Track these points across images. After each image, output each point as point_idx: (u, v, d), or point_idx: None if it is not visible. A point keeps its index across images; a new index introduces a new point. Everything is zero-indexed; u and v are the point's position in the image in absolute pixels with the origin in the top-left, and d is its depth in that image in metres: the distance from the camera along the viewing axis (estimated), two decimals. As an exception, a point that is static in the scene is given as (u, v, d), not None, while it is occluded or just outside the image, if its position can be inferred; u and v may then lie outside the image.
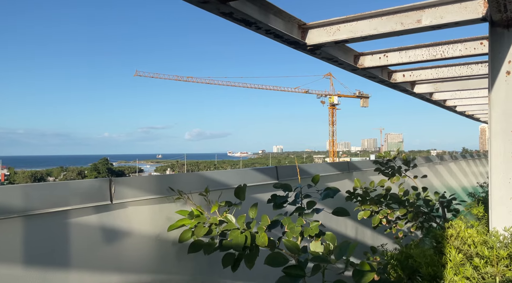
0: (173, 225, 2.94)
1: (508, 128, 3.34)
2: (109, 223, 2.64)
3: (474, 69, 6.10)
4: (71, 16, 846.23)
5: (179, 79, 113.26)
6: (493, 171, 3.38)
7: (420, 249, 2.70)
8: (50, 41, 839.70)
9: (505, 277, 2.19)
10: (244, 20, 3.53)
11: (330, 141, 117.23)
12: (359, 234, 5.86)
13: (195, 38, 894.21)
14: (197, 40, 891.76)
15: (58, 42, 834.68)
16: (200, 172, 3.53)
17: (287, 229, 2.88)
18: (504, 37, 3.39)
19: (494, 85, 3.41)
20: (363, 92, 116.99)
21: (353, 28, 4.03)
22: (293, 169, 4.45)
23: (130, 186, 2.78)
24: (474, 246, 2.62)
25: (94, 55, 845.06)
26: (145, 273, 2.86)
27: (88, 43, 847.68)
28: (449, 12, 3.56)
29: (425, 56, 5.01)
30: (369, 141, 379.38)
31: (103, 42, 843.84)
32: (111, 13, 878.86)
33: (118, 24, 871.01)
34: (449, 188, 10.22)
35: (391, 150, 9.69)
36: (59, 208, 2.37)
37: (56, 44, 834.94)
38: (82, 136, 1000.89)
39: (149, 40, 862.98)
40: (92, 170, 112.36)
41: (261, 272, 3.13)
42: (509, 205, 3.28)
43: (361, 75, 5.98)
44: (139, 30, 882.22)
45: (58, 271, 2.38)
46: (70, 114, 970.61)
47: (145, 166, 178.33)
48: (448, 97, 8.91)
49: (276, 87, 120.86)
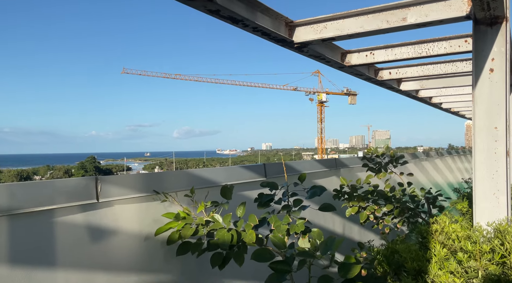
0: (160, 228, 2.92)
1: (492, 125, 3.40)
2: (95, 222, 2.63)
3: (459, 67, 6.19)
4: (56, 13, 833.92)
5: (167, 76, 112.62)
6: (477, 167, 3.44)
7: (405, 245, 2.74)
8: (36, 38, 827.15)
9: (488, 271, 2.23)
10: (231, 18, 3.52)
11: (318, 138, 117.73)
12: (346, 230, 5.91)
13: (183, 35, 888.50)
14: (185, 37, 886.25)
15: (43, 39, 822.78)
16: (188, 170, 3.52)
17: (274, 227, 2.90)
18: (487, 35, 3.44)
19: (478, 82, 3.46)
20: (351, 89, 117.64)
21: (340, 26, 4.05)
22: (281, 166, 4.47)
23: (117, 184, 2.76)
24: (458, 241, 2.66)
25: (81, 52, 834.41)
26: (133, 272, 2.85)
27: (75, 40, 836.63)
28: (433, 10, 3.60)
29: (411, 53, 5.06)
30: (357, 138, 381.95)
31: (90, 39, 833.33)
32: (97, 9, 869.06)
33: (105, 21, 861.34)
34: (435, 184, 10.36)
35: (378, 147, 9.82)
36: (44, 207, 2.35)
37: (41, 41, 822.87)
38: (69, 134, 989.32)
39: (136, 37, 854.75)
40: (79, 169, 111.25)
41: (250, 271, 3.15)
42: (492, 200, 3.34)
43: (348, 72, 6.01)
44: (126, 28, 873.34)
45: (44, 270, 2.36)
46: (56, 112, 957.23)
47: (133, 164, 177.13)
48: (434, 94, 9.03)
49: (265, 84, 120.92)
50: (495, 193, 3.33)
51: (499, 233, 2.70)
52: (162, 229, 2.92)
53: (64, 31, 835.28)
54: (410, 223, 5.07)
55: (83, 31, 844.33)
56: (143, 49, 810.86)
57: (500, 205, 3.31)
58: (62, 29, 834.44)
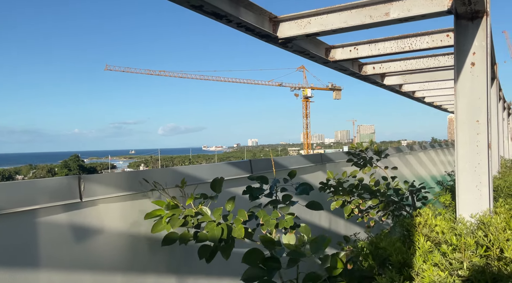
0: (149, 213, 2.89)
1: (474, 118, 3.45)
2: (79, 222, 2.59)
3: (441, 61, 6.26)
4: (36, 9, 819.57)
5: (151, 73, 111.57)
6: (459, 160, 3.49)
7: (389, 238, 2.76)
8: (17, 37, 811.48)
9: (472, 262, 2.27)
10: (214, 13, 3.49)
11: (304, 133, 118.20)
12: (332, 224, 5.96)
13: (166, 32, 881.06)
14: (169, 33, 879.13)
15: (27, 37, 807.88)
16: (174, 167, 3.50)
17: (262, 222, 2.90)
18: (468, 29, 3.48)
19: (460, 76, 3.50)
20: (336, 84, 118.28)
21: (324, 21, 4.05)
22: (267, 162, 4.47)
23: (101, 183, 2.72)
24: (442, 234, 2.70)
25: (62, 50, 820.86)
26: (118, 270, 2.82)
27: (57, 38, 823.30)
28: (416, 5, 3.63)
29: (394, 48, 5.10)
30: (342, 132, 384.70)
31: (71, 36, 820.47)
32: (80, 6, 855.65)
33: (87, 18, 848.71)
34: (418, 177, 10.50)
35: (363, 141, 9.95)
36: (26, 207, 2.31)
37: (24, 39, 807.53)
38: (52, 133, 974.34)
39: (119, 34, 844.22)
40: (63, 168, 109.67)
41: (237, 265, 3.14)
42: (474, 192, 3.39)
43: (332, 68, 6.03)
44: (108, 24, 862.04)
45: (27, 271, 2.32)
46: (39, 110, 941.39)
47: (118, 162, 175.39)
48: (417, 88, 9.13)
49: (250, 80, 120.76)
50: (477, 185, 3.38)
51: (482, 224, 2.75)
52: (151, 214, 2.89)
53: (45, 29, 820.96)
54: (394, 216, 5.13)
55: (65, 29, 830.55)
56: (126, 46, 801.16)
57: (482, 197, 3.36)
58: (44, 27, 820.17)
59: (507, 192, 5.01)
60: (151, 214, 2.90)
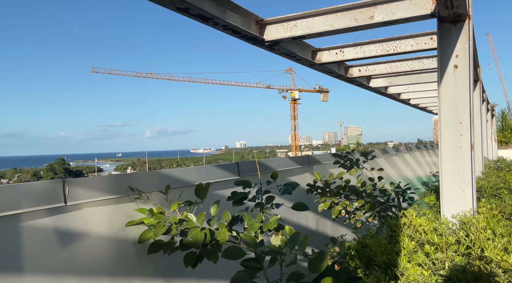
0: (132, 221, 2.88)
1: (457, 119, 3.50)
2: (63, 226, 2.56)
3: (425, 63, 6.35)
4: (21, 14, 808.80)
5: (138, 75, 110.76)
6: (443, 161, 3.54)
7: (375, 239, 2.79)
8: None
9: (454, 262, 2.31)
10: (200, 16, 3.50)
11: (292, 135, 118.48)
12: (320, 226, 5.99)
13: (154, 35, 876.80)
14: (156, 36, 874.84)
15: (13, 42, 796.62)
16: (161, 170, 3.48)
17: (247, 225, 2.91)
18: (451, 32, 3.54)
19: (443, 78, 3.56)
20: (323, 86, 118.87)
21: (310, 24, 4.09)
22: (255, 165, 4.47)
23: (86, 186, 2.70)
24: (425, 234, 2.74)
25: (47, 54, 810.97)
26: (104, 275, 2.80)
27: (43, 41, 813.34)
28: (400, 9, 3.68)
29: (379, 51, 5.16)
30: (330, 134, 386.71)
31: (57, 39, 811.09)
32: (66, 11, 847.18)
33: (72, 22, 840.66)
34: (404, 178, 10.61)
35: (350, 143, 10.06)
36: (9, 211, 2.28)
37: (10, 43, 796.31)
38: (37, 136, 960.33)
39: (105, 36, 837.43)
40: (48, 171, 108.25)
41: (224, 270, 3.14)
42: (458, 193, 3.45)
43: (319, 70, 6.08)
44: (94, 27, 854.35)
45: (11, 276, 2.29)
46: (22, 113, 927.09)
47: (105, 165, 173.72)
48: (402, 90, 9.23)
49: (238, 82, 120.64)
50: (461, 186, 3.44)
51: (463, 224, 2.80)
52: (134, 221, 2.88)
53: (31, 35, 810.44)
54: (381, 217, 5.18)
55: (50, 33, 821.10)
56: (112, 48, 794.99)
57: (466, 197, 3.42)
58: (28, 32, 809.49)
59: (490, 192, 5.10)
60: (133, 221, 2.89)
